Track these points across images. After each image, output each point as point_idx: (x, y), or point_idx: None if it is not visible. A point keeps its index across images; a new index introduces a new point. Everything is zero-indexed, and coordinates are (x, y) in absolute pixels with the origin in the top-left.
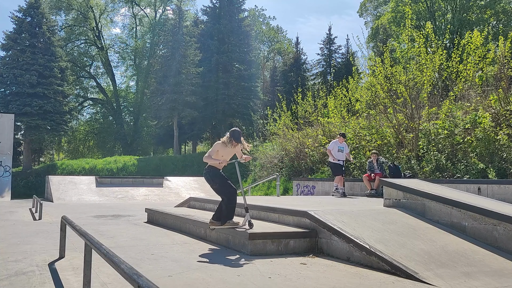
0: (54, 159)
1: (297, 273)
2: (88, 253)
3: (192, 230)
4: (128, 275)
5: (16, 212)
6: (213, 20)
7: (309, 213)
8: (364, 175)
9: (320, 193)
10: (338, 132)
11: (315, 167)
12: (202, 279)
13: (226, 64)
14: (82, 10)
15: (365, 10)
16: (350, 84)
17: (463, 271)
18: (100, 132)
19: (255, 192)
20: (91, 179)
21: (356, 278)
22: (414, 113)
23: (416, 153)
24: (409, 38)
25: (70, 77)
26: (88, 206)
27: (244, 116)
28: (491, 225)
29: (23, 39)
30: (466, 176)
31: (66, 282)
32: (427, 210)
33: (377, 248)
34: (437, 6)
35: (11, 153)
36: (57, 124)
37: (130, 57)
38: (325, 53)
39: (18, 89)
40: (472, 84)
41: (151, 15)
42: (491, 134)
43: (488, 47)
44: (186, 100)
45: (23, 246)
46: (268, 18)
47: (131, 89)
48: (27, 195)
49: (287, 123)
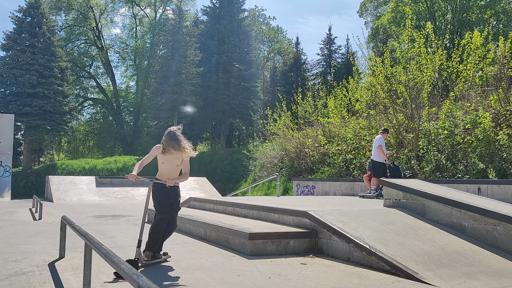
0: (54, 159)
1: (297, 273)
2: (88, 253)
3: (192, 230)
4: (128, 275)
5: (16, 212)
6: (213, 20)
7: (309, 213)
8: (364, 175)
9: (320, 193)
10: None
11: (315, 167)
12: (202, 279)
13: (226, 64)
14: (82, 10)
15: (365, 10)
16: (350, 84)
17: (463, 271)
18: (100, 132)
19: (255, 192)
20: (91, 179)
21: (356, 278)
22: (414, 113)
23: (416, 153)
24: (409, 38)
25: (70, 77)
26: (88, 206)
27: (244, 116)
28: (491, 225)
29: (23, 39)
30: (466, 176)
31: (66, 282)
32: (427, 210)
33: (377, 248)
34: (437, 6)
35: (11, 153)
36: (57, 124)
37: (130, 57)
38: (325, 53)
39: (18, 89)
40: (472, 84)
41: (151, 15)
42: (491, 134)
43: (488, 47)
44: (186, 100)
45: (23, 246)
46: (268, 18)
47: (131, 89)
48: (27, 195)
49: (287, 123)
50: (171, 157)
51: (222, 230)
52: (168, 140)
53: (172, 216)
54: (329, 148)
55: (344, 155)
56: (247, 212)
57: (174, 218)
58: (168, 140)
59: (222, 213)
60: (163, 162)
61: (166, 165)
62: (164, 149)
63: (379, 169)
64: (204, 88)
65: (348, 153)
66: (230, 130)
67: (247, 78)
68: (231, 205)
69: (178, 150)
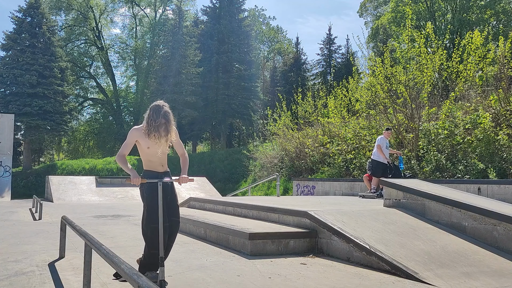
0: (54, 159)
1: (297, 273)
2: (88, 253)
3: (192, 230)
4: (128, 275)
5: (16, 212)
6: (213, 20)
7: (309, 213)
8: (364, 175)
9: (320, 193)
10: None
11: (315, 167)
12: (202, 279)
13: (226, 64)
14: (82, 10)
15: (365, 10)
16: (350, 84)
17: (463, 271)
18: (100, 132)
19: (255, 192)
20: (91, 179)
21: (356, 278)
22: (414, 113)
23: (416, 153)
24: (409, 38)
25: (70, 77)
26: (88, 206)
27: (244, 116)
28: (491, 225)
29: (23, 39)
30: (466, 176)
31: (66, 282)
32: (427, 210)
33: (377, 248)
34: (437, 6)
35: (11, 153)
36: (57, 124)
37: (130, 57)
38: (325, 53)
39: (18, 89)
40: (472, 84)
41: (151, 15)
42: (491, 134)
43: (488, 47)
44: (186, 100)
45: (23, 246)
46: (268, 18)
47: (131, 89)
48: (27, 195)
49: (287, 123)
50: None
51: (222, 230)
52: (156, 119)
53: (172, 221)
54: (330, 147)
55: (344, 155)
56: (247, 212)
57: (175, 224)
58: (157, 119)
59: (222, 213)
60: (149, 146)
61: (154, 149)
62: (149, 130)
63: (378, 168)
64: (204, 88)
65: (348, 153)
66: (230, 130)
67: (247, 78)
68: (231, 205)
69: (167, 134)
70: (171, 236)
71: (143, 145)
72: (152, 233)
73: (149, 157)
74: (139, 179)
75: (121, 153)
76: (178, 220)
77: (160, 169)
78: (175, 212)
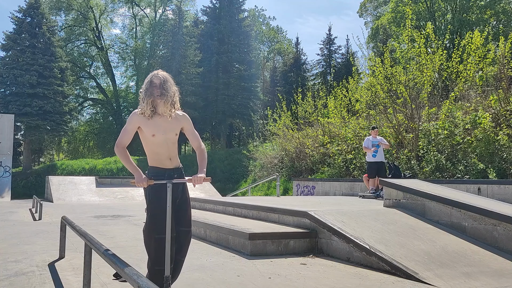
0: (54, 159)
1: (297, 273)
2: (88, 253)
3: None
4: (128, 275)
5: (16, 212)
6: (213, 20)
7: (309, 213)
8: (364, 175)
9: (320, 193)
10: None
11: (315, 167)
12: (202, 279)
13: (226, 64)
14: (82, 10)
15: (365, 10)
16: (350, 84)
17: (463, 271)
18: (100, 133)
19: (255, 193)
20: (91, 179)
21: (356, 278)
22: (414, 113)
23: (416, 153)
24: (409, 38)
25: (70, 77)
26: (88, 206)
27: (244, 117)
28: (491, 225)
29: (23, 39)
30: (466, 176)
31: (66, 282)
32: (427, 210)
33: (377, 248)
34: (437, 6)
35: (11, 153)
36: (57, 124)
37: (130, 57)
38: (325, 53)
39: (18, 90)
40: (472, 84)
41: (151, 16)
42: (491, 135)
43: (488, 47)
44: (186, 100)
45: (23, 246)
46: (268, 18)
47: (131, 89)
48: (27, 195)
49: (287, 123)
50: (163, 121)
51: (222, 230)
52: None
53: (180, 232)
54: (330, 147)
55: (344, 155)
56: (247, 212)
57: (184, 235)
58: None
59: (222, 213)
60: (154, 133)
61: (161, 136)
62: (142, 100)
63: (370, 168)
64: (204, 88)
65: (348, 153)
66: (230, 130)
67: (247, 78)
68: (231, 205)
69: (167, 102)
70: (179, 250)
71: (146, 132)
72: (156, 245)
73: (154, 148)
74: (146, 182)
75: (120, 143)
76: (188, 230)
77: (168, 164)
78: (184, 220)
